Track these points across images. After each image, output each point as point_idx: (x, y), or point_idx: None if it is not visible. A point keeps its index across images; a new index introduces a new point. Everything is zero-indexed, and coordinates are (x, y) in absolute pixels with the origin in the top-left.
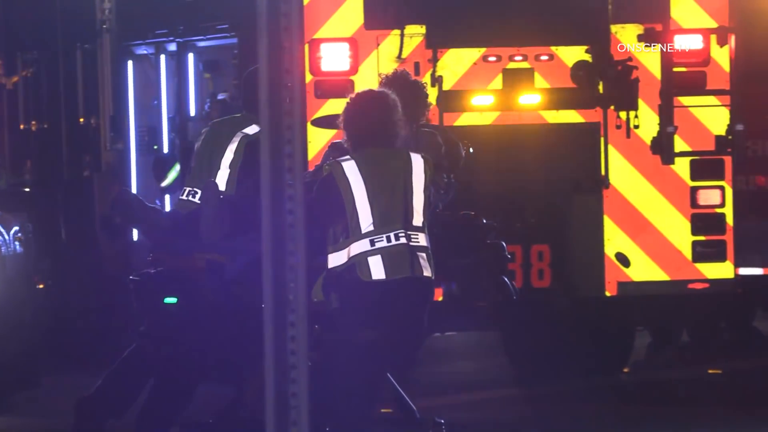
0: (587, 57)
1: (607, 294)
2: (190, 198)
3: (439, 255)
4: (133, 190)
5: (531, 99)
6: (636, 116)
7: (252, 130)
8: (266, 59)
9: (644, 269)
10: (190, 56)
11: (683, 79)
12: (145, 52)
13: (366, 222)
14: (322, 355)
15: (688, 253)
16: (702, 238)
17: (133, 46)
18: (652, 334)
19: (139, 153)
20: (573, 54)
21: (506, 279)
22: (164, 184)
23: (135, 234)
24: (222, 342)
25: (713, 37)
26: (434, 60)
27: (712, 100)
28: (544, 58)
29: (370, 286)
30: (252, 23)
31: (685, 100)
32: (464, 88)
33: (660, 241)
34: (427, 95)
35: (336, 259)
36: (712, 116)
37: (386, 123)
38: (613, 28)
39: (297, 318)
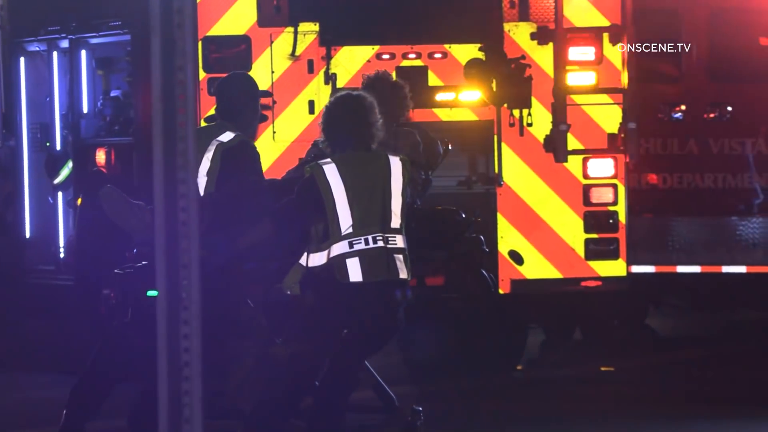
0: (480, 55)
1: (501, 292)
2: None
3: (419, 248)
4: (25, 188)
5: (426, 97)
6: (529, 114)
7: (226, 137)
8: (159, 56)
9: (537, 267)
10: (83, 53)
11: (576, 78)
12: (37, 49)
13: (346, 224)
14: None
15: (581, 250)
16: (595, 235)
17: (25, 43)
18: (546, 332)
19: (32, 150)
20: (466, 52)
21: (484, 272)
22: (57, 181)
23: (27, 231)
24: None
25: (606, 36)
26: (328, 58)
27: (604, 98)
28: (437, 56)
29: (348, 287)
30: (145, 20)
31: (577, 99)
32: (358, 86)
33: (553, 238)
34: (407, 96)
35: (316, 260)
36: (605, 114)
37: (364, 126)
38: (506, 26)
39: (190, 315)
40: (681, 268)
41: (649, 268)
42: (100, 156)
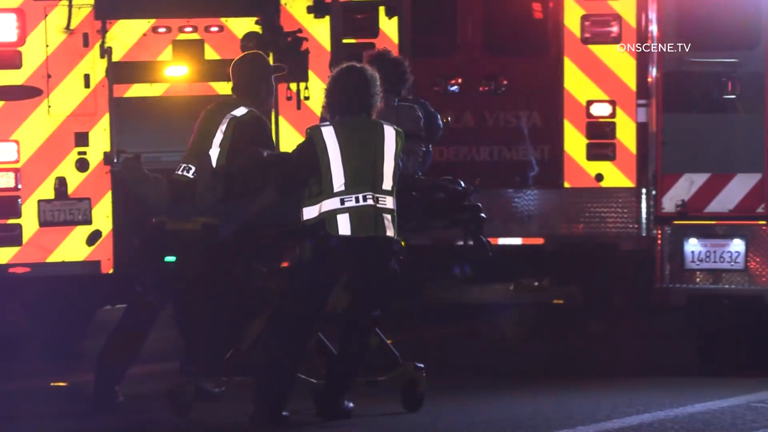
0: (257, 28)
1: (283, 265)
2: (185, 173)
3: (421, 216)
4: None
5: (198, 70)
6: (306, 88)
7: (240, 111)
8: None
9: None
10: None
11: (353, 50)
12: None
13: (338, 182)
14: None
15: None
16: None
17: None
18: None
19: None
20: (243, 25)
21: (483, 238)
22: None
23: None
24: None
25: (382, 9)
26: (103, 31)
27: None
28: (214, 29)
29: (336, 240)
30: None
31: None
32: (134, 59)
33: None
34: (407, 71)
35: (309, 213)
36: None
37: (364, 95)
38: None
39: None
40: (459, 240)
41: (427, 240)
42: None
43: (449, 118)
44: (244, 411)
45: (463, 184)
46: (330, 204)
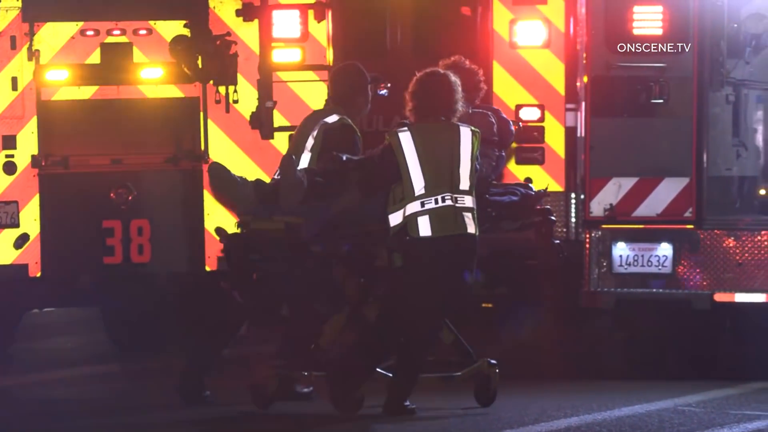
0: (186, 32)
1: (207, 269)
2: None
3: (494, 218)
4: None
5: (129, 73)
6: (235, 91)
7: (332, 119)
8: None
9: None
10: None
11: (281, 55)
12: None
13: (418, 185)
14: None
15: None
16: None
17: None
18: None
19: None
20: (171, 29)
21: (554, 240)
22: None
23: None
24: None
25: (311, 13)
26: (31, 34)
27: (310, 75)
28: (142, 32)
29: (419, 241)
30: None
31: (283, 75)
32: (62, 62)
33: None
34: (480, 80)
35: (395, 219)
36: (311, 91)
37: (447, 99)
38: (212, 2)
39: None
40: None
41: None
42: None
43: (520, 124)
44: (326, 405)
45: (534, 189)
46: (412, 207)
